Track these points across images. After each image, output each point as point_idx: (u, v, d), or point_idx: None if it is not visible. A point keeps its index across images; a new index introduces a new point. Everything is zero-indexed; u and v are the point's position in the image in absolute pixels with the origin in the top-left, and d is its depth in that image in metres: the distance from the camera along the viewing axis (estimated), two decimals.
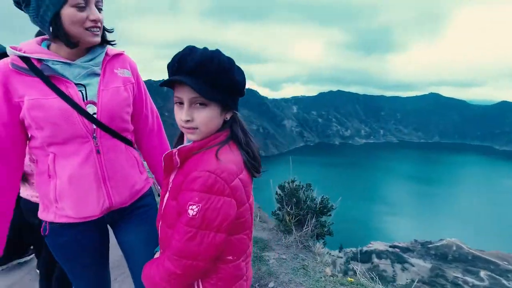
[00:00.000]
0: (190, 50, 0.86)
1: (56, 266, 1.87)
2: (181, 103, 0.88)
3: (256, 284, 2.16)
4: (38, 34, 1.43)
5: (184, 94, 0.86)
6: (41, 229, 1.20)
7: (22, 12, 1.02)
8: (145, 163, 1.40)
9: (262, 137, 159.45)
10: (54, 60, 1.05)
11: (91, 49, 1.12)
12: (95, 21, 1.04)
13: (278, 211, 3.03)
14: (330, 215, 2.88)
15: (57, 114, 1.06)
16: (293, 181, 2.98)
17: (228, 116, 0.92)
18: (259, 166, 0.97)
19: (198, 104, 0.86)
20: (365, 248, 55.72)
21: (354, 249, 57.31)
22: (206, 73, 0.84)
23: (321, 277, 2.23)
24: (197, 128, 0.89)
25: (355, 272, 2.41)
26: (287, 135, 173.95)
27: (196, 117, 0.88)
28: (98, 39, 1.08)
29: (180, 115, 0.88)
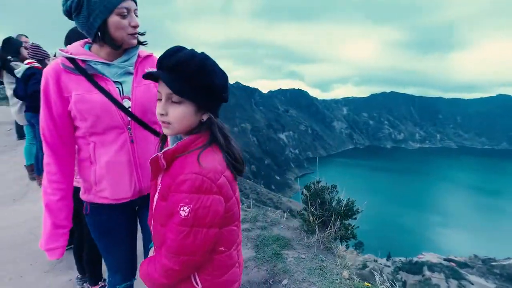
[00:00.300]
0: (176, 49, 0.92)
1: (84, 247, 2.21)
2: (160, 98, 0.94)
3: (271, 280, 2.22)
4: (66, 39, 1.81)
5: (162, 89, 0.92)
6: (83, 209, 1.40)
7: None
8: None
9: (310, 138, 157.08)
10: (95, 61, 1.23)
11: (125, 51, 1.29)
12: (135, 27, 1.22)
13: (303, 211, 3.05)
14: (355, 218, 2.91)
15: (99, 107, 1.22)
16: (318, 182, 3.06)
17: (204, 117, 0.96)
18: (242, 167, 1.02)
19: (172, 101, 0.92)
20: (415, 259, 53.49)
21: (403, 259, 55.14)
22: (185, 72, 0.89)
23: (337, 279, 2.23)
24: (170, 123, 0.94)
25: (404, 283, 2.94)
26: (336, 137, 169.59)
27: (170, 113, 0.93)
28: (136, 42, 1.26)
29: (158, 108, 0.95)
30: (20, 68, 3.23)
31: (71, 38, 1.77)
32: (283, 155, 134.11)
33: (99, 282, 2.29)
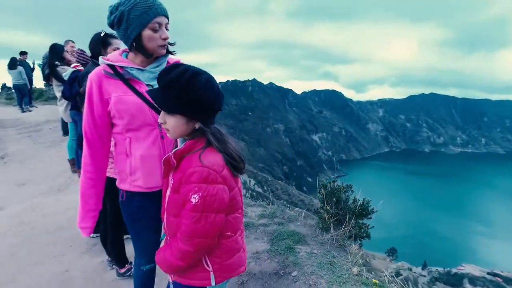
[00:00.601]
0: (172, 67, 1.09)
1: (108, 236, 2.44)
2: None
3: (281, 272, 2.35)
4: (91, 44, 2.34)
5: None
6: (119, 196, 1.59)
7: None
8: None
9: (344, 140, 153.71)
10: (131, 67, 1.43)
11: (156, 58, 1.47)
12: (165, 39, 1.40)
13: (320, 209, 3.15)
14: (370, 217, 2.99)
15: (134, 107, 1.41)
16: (334, 181, 3.17)
17: (196, 126, 1.14)
18: (241, 165, 1.17)
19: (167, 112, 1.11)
20: (454, 270, 50.73)
21: (440, 269, 52.47)
22: (175, 88, 1.05)
23: (345, 274, 2.31)
24: (168, 130, 1.15)
25: None
26: (371, 139, 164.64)
27: (167, 122, 1.13)
28: (165, 51, 1.45)
29: (159, 117, 1.16)
30: (67, 72, 3.59)
31: (91, 43, 2.43)
32: (316, 156, 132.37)
33: (126, 265, 2.55)
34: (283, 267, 2.42)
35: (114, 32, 2.27)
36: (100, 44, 2.46)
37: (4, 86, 18.03)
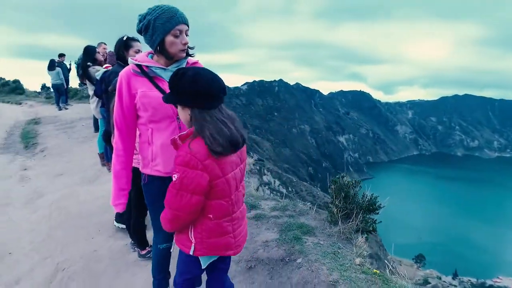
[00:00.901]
0: (177, 71, 1.38)
1: (132, 219, 2.69)
2: None
3: (287, 258, 2.52)
4: (115, 47, 2.68)
5: None
6: (142, 179, 1.82)
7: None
8: None
9: (371, 142, 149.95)
10: (155, 67, 1.66)
11: (177, 59, 1.70)
12: (184, 44, 1.61)
13: (330, 204, 3.27)
14: (377, 213, 3.09)
15: (156, 101, 1.62)
16: (343, 177, 3.28)
17: (189, 114, 1.36)
18: (220, 149, 1.28)
19: None
20: (490, 282, 48.31)
21: (473, 279, 50.02)
22: (175, 86, 1.34)
23: (347, 264, 2.43)
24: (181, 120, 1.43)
25: None
26: (399, 142, 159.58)
27: (179, 113, 1.42)
28: (184, 55, 1.66)
29: None
30: (99, 72, 3.93)
31: (115, 46, 2.81)
32: (342, 158, 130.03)
33: (146, 247, 2.82)
34: (289, 254, 2.59)
35: (136, 36, 2.57)
36: (123, 46, 2.76)
37: (43, 86, 19.25)
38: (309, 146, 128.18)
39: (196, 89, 1.31)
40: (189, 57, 1.75)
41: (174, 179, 1.31)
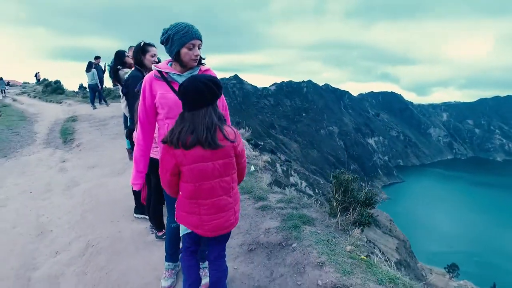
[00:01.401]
0: (182, 83, 1.77)
1: (151, 204, 3.06)
2: None
3: (284, 243, 2.81)
4: (134, 52, 3.12)
5: None
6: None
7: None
8: None
9: (402, 145, 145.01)
10: (173, 73, 2.05)
11: (193, 68, 2.08)
12: (196, 55, 1.97)
13: (331, 198, 3.51)
14: (373, 207, 3.34)
15: (172, 101, 2.01)
16: (343, 173, 3.55)
17: None
18: (175, 144, 1.67)
19: None
20: None
21: None
22: (180, 91, 1.73)
23: (337, 249, 2.67)
24: None
25: None
26: (432, 145, 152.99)
27: None
28: (195, 64, 2.03)
29: None
30: (127, 74, 4.39)
31: (134, 51, 3.22)
32: (371, 161, 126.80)
33: (163, 229, 3.21)
34: (286, 239, 2.88)
35: (153, 43, 2.97)
36: (140, 51, 3.17)
37: (81, 86, 20.58)
38: (337, 148, 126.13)
39: (180, 96, 1.76)
40: (201, 65, 2.12)
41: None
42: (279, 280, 2.51)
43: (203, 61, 2.11)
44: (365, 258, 2.66)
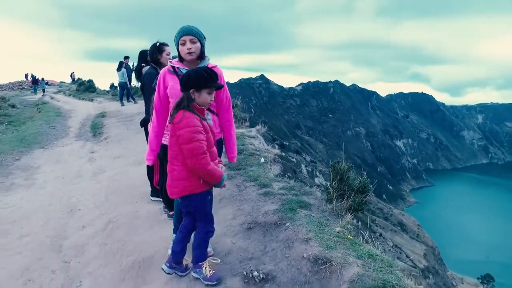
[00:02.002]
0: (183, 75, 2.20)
1: (163, 188, 3.18)
2: None
3: (279, 223, 3.10)
4: (150, 51, 3.63)
5: None
6: None
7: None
8: None
9: (432, 147, 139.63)
10: (183, 68, 2.42)
11: (200, 63, 2.44)
12: (188, 49, 2.33)
13: (329, 185, 3.71)
14: (367, 195, 3.54)
15: (179, 92, 2.29)
16: (339, 162, 3.75)
17: None
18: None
19: None
20: None
21: None
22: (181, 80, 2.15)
23: (326, 229, 2.90)
24: None
25: None
26: (465, 149, 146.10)
27: None
28: (190, 57, 2.37)
29: None
30: (145, 71, 4.82)
31: (150, 50, 3.69)
32: (399, 163, 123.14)
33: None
34: (281, 220, 3.18)
35: (167, 42, 3.36)
36: (156, 50, 3.58)
37: (112, 85, 21.75)
38: (364, 150, 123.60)
39: (189, 79, 2.21)
40: (209, 62, 2.49)
41: None
42: (271, 253, 2.81)
43: (205, 56, 2.49)
44: (351, 238, 2.91)
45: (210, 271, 2.42)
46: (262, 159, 5.35)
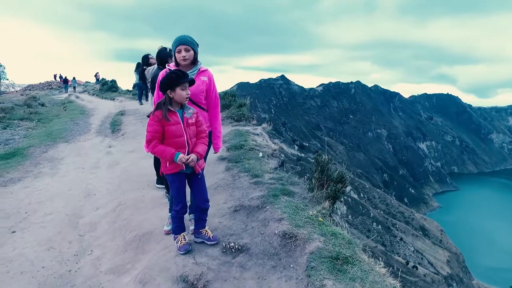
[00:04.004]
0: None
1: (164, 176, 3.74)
2: None
3: (260, 206, 3.52)
4: (161, 55, 4.29)
5: None
6: None
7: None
8: None
9: (458, 151, 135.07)
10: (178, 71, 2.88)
11: (193, 67, 2.94)
12: (183, 57, 2.83)
13: (311, 176, 4.05)
14: (346, 185, 3.93)
15: None
16: (320, 155, 4.10)
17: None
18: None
19: None
20: None
21: None
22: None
23: (301, 213, 3.30)
24: None
25: None
26: (493, 152, 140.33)
27: None
28: (184, 63, 2.87)
29: None
30: (153, 73, 5.40)
31: (160, 55, 4.13)
32: (422, 166, 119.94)
33: None
34: (263, 204, 3.62)
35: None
36: (168, 55, 4.14)
37: (135, 85, 22.80)
38: (385, 152, 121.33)
39: (165, 82, 2.70)
40: (201, 66, 3.00)
41: None
42: (250, 230, 3.27)
43: (197, 61, 2.99)
44: (322, 220, 3.32)
45: (180, 242, 2.91)
46: (260, 154, 5.80)
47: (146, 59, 6.19)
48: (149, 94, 6.09)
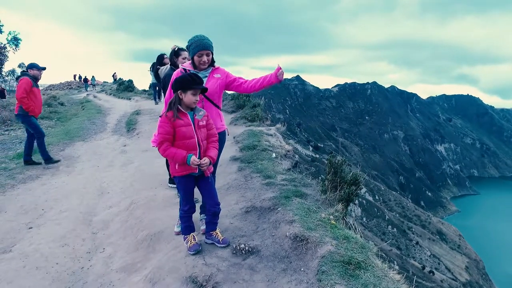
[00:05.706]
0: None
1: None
2: None
3: (272, 207, 3.46)
4: (170, 55, 4.19)
5: None
6: None
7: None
8: None
9: (478, 153, 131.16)
10: (192, 70, 2.90)
11: (208, 67, 2.94)
12: (204, 62, 2.86)
13: (324, 178, 4.00)
14: (360, 187, 3.82)
15: None
16: (333, 156, 4.04)
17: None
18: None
19: None
20: None
21: None
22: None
23: (313, 215, 3.23)
24: None
25: None
26: None
27: None
28: (204, 67, 2.91)
29: None
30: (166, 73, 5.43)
31: (170, 54, 4.12)
32: (439, 169, 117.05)
33: None
34: (275, 205, 3.57)
35: (183, 47, 3.93)
36: (174, 54, 4.15)
37: (151, 84, 23.15)
38: (402, 154, 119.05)
39: (177, 82, 2.67)
40: (213, 66, 3.01)
41: None
42: (261, 232, 3.23)
43: (214, 63, 3.01)
44: (334, 223, 3.25)
45: (190, 243, 2.90)
46: (274, 154, 5.76)
47: (161, 59, 6.24)
48: (162, 93, 6.17)
